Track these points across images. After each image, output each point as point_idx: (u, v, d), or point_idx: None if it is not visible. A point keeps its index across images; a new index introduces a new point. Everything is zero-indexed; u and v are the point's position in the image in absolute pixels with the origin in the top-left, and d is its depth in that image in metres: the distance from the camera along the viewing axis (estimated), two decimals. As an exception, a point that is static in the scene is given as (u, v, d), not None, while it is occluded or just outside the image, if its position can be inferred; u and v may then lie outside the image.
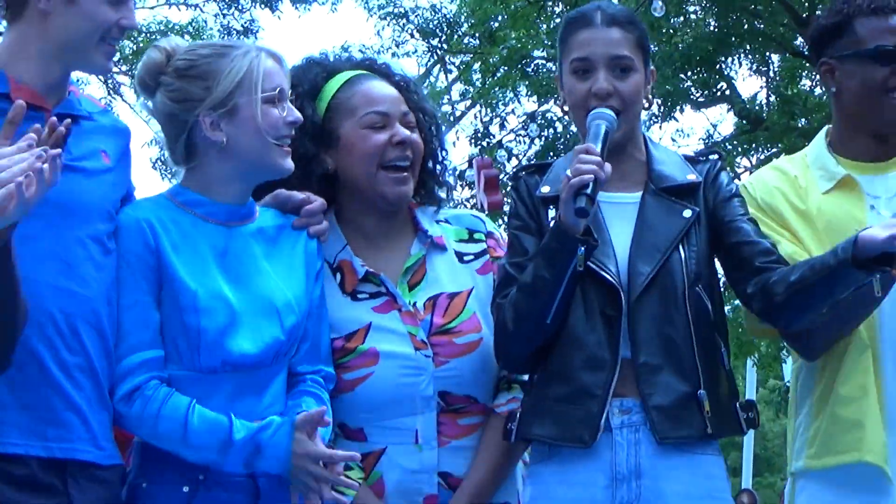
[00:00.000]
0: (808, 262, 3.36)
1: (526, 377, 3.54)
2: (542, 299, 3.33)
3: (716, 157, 3.62)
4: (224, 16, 18.99)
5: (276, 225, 3.46)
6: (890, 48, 3.59)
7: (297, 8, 19.05)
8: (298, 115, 3.37)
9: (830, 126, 3.76)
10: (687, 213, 3.45)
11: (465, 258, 3.64)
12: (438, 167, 3.71)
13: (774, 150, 17.38)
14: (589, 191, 3.21)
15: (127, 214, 3.28)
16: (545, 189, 3.49)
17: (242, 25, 18.96)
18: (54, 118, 2.87)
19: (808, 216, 3.58)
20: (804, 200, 3.61)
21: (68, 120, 2.97)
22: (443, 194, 3.74)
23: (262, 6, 18.96)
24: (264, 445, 3.18)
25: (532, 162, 3.58)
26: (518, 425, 3.42)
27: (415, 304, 3.53)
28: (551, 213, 3.44)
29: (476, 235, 3.68)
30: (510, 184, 3.59)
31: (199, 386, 3.23)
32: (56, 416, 3.05)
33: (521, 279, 3.36)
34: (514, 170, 3.60)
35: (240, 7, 18.95)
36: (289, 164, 3.37)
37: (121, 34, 3.21)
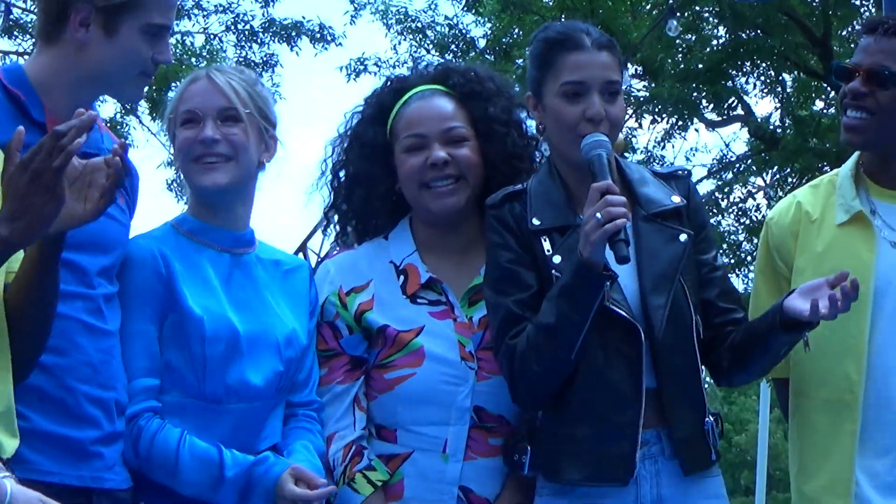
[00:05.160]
0: (745, 328, 3.45)
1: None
2: (568, 338, 3.29)
3: (686, 173, 3.61)
4: (242, 47, 19.06)
5: (278, 260, 3.55)
6: (840, 66, 3.58)
7: (314, 46, 19.11)
8: (209, 133, 3.40)
9: None
10: (683, 238, 3.43)
11: None
12: (509, 174, 3.64)
13: (789, 168, 17.37)
14: (623, 236, 3.20)
15: (139, 245, 3.35)
16: (537, 221, 3.42)
17: (261, 59, 19.03)
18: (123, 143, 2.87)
19: (817, 258, 3.55)
20: (816, 237, 3.59)
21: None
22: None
23: (281, 42, 19.01)
24: (256, 482, 3.25)
25: (506, 190, 3.50)
26: (544, 469, 3.41)
27: (471, 318, 3.57)
28: (545, 244, 3.40)
29: None
30: (489, 214, 3.47)
31: (203, 415, 3.32)
32: (87, 449, 3.13)
33: (541, 320, 3.31)
34: (490, 201, 3.49)
35: (259, 41, 18.99)
36: (212, 179, 3.42)
37: (155, 68, 3.24)
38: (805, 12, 16.56)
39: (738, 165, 18.64)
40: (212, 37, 19.22)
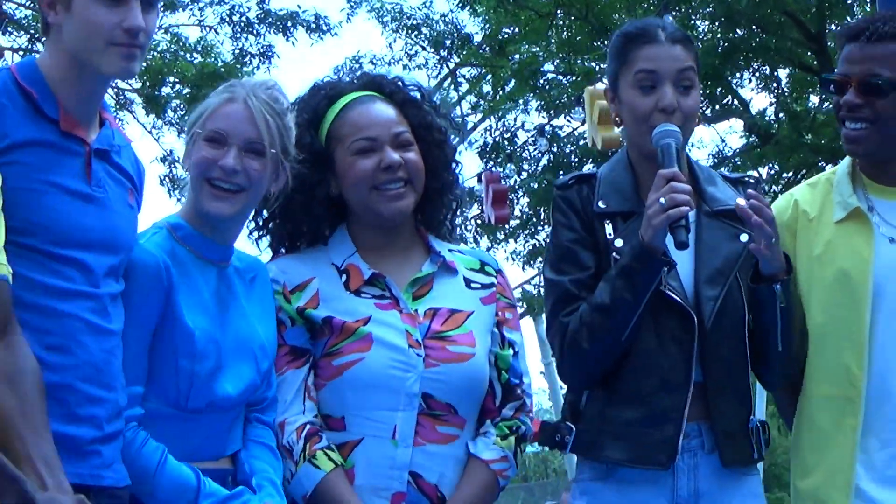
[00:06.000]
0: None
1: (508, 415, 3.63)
2: (621, 319, 3.35)
3: (755, 179, 3.68)
4: (237, 38, 19.06)
5: (244, 268, 3.54)
6: (829, 77, 3.58)
7: (310, 36, 19.10)
8: (231, 163, 3.35)
9: None
10: (744, 237, 3.48)
11: (473, 285, 3.70)
12: (446, 181, 3.75)
13: (784, 164, 17.39)
14: (684, 222, 3.24)
15: (147, 252, 3.32)
16: (602, 205, 3.50)
17: (258, 50, 19.04)
18: None
19: (817, 257, 3.57)
20: (815, 234, 3.60)
21: None
22: (452, 212, 3.80)
23: (277, 32, 19.00)
24: None
25: (577, 173, 3.62)
26: (584, 446, 3.47)
27: (416, 310, 3.61)
28: (608, 228, 3.47)
29: (487, 269, 3.75)
30: (557, 194, 3.58)
31: (180, 424, 3.32)
32: (84, 448, 3.10)
33: (596, 300, 3.37)
34: (560, 182, 3.60)
35: (255, 32, 18.98)
36: (218, 208, 3.39)
37: (132, 37, 3.08)
38: (800, 9, 16.57)
39: (733, 160, 18.65)
40: (207, 29, 19.23)
